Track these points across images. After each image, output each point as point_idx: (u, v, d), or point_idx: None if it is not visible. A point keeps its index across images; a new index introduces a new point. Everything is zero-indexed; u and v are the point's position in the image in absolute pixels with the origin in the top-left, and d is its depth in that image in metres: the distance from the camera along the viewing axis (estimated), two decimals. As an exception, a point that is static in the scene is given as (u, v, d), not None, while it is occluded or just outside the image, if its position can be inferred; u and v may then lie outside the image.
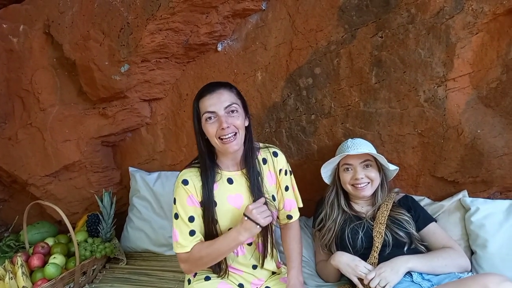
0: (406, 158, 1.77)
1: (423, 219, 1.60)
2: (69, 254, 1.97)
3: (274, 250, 1.55)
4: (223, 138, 1.31)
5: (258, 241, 1.48)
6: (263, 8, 1.89)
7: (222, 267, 1.45)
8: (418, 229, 1.58)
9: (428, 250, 1.55)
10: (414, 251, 1.51)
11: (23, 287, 1.70)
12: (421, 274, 1.41)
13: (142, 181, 2.19)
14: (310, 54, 1.81)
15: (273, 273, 1.55)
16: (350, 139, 1.71)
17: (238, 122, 1.33)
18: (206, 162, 1.39)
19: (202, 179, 1.39)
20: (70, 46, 2.01)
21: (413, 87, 1.66)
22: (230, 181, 1.43)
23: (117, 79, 1.98)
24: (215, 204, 1.39)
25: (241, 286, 1.47)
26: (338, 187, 1.72)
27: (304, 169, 1.95)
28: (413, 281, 1.39)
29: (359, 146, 1.64)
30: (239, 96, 1.40)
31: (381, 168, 1.67)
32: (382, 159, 1.61)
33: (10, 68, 2.23)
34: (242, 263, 1.47)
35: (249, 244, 1.48)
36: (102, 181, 2.31)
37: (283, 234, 1.60)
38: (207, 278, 1.47)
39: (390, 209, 1.60)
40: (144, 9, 1.81)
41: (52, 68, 2.18)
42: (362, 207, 1.69)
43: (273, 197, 1.48)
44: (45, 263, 1.84)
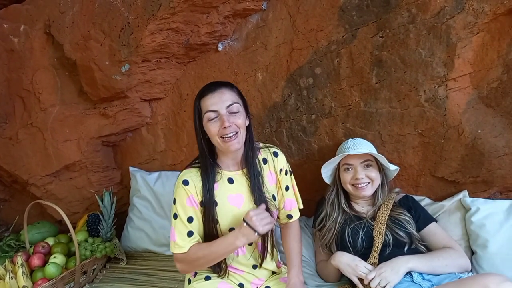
0: (406, 158, 1.77)
1: (424, 219, 1.59)
2: (69, 254, 1.97)
3: (274, 250, 1.55)
4: (225, 136, 1.31)
5: (258, 241, 1.48)
6: (264, 8, 1.89)
7: (222, 267, 1.45)
8: (419, 229, 1.58)
9: (428, 250, 1.55)
10: (415, 251, 1.51)
11: (24, 287, 1.70)
12: (421, 274, 1.41)
13: (142, 181, 2.19)
14: (311, 54, 1.81)
15: (273, 273, 1.55)
16: (350, 139, 1.71)
17: (240, 121, 1.34)
18: (207, 161, 1.39)
19: (202, 179, 1.39)
20: (71, 46, 2.02)
21: (413, 87, 1.66)
22: (230, 180, 1.43)
23: (117, 79, 1.98)
24: (216, 204, 1.39)
25: (241, 285, 1.47)
26: (339, 187, 1.72)
27: (304, 169, 1.95)
28: (413, 281, 1.39)
29: (360, 146, 1.64)
30: (240, 95, 1.40)
31: (381, 168, 1.67)
32: (383, 159, 1.60)
33: (10, 68, 2.23)
34: (242, 263, 1.47)
35: (249, 244, 1.47)
36: (103, 181, 2.31)
37: (283, 233, 1.60)
38: (207, 278, 1.47)
39: (390, 209, 1.60)
40: (144, 9, 1.81)
41: (52, 68, 2.18)
42: (363, 207, 1.69)
43: (273, 196, 1.48)
44: (45, 263, 1.84)
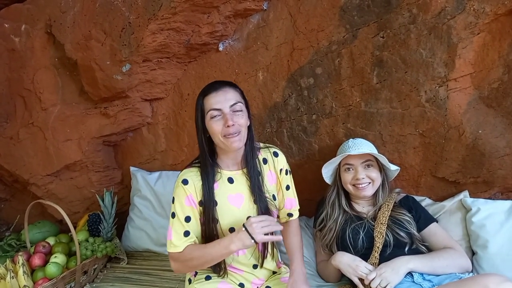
0: (407, 158, 1.77)
1: (424, 220, 1.59)
2: (70, 254, 1.97)
3: (274, 250, 1.55)
4: (227, 135, 1.32)
5: (258, 241, 1.48)
6: (265, 8, 1.89)
7: (222, 267, 1.45)
8: (419, 229, 1.58)
9: (429, 250, 1.55)
10: (415, 252, 1.51)
11: (24, 286, 1.70)
12: (422, 274, 1.41)
13: (143, 180, 2.20)
14: (312, 54, 1.81)
15: (273, 273, 1.55)
16: (351, 139, 1.71)
17: (242, 121, 1.34)
18: (207, 160, 1.39)
19: (202, 178, 1.39)
20: (72, 45, 2.02)
21: (414, 87, 1.66)
22: (230, 180, 1.43)
23: (118, 79, 1.98)
24: (216, 203, 1.39)
25: (241, 285, 1.47)
26: (339, 187, 1.72)
27: (305, 169, 1.95)
28: (414, 281, 1.39)
29: (360, 146, 1.64)
30: (243, 96, 1.41)
31: (382, 168, 1.67)
32: (383, 159, 1.60)
33: (12, 67, 2.23)
34: (243, 263, 1.47)
35: (246, 247, 1.48)
36: (103, 180, 2.31)
37: (284, 230, 1.59)
38: (208, 278, 1.47)
39: (391, 209, 1.60)
40: (145, 9, 1.81)
41: (53, 67, 2.18)
42: (363, 207, 1.69)
43: (273, 196, 1.48)
44: (46, 262, 1.84)
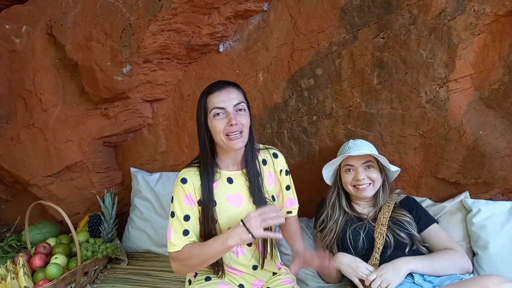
0: (407, 159, 1.77)
1: (425, 220, 1.59)
2: (70, 254, 1.98)
3: (274, 251, 1.55)
4: (230, 134, 1.32)
5: (258, 241, 1.48)
6: (265, 9, 1.89)
7: (220, 267, 1.45)
8: (420, 230, 1.58)
9: (429, 251, 1.55)
10: (416, 252, 1.51)
11: (25, 287, 1.70)
12: (422, 275, 1.41)
13: (143, 181, 2.20)
14: (312, 55, 1.81)
15: (274, 274, 1.55)
16: (351, 140, 1.71)
17: (245, 121, 1.35)
18: (208, 158, 1.39)
19: (201, 177, 1.39)
20: (72, 46, 2.02)
21: (414, 88, 1.66)
22: (230, 180, 1.43)
23: (119, 80, 1.98)
24: (215, 203, 1.39)
25: (241, 286, 1.47)
26: (340, 188, 1.72)
27: (305, 170, 1.95)
28: (414, 282, 1.39)
29: (361, 147, 1.64)
30: (245, 96, 1.42)
31: (382, 169, 1.67)
32: (384, 160, 1.60)
33: (12, 68, 2.24)
34: (243, 264, 1.47)
35: (249, 244, 1.47)
36: (104, 181, 2.31)
37: (283, 225, 1.59)
38: (208, 279, 1.47)
39: (391, 210, 1.60)
40: (146, 10, 1.81)
41: (54, 68, 2.18)
42: (364, 208, 1.69)
43: (272, 197, 1.49)
44: (46, 263, 1.84)
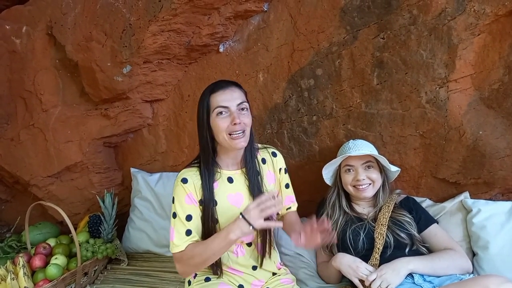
0: (407, 160, 1.77)
1: (425, 221, 1.59)
2: (70, 255, 1.97)
3: (274, 251, 1.55)
4: (233, 133, 1.32)
5: (257, 241, 1.48)
6: (265, 9, 1.89)
7: (219, 267, 1.44)
8: (420, 230, 1.57)
9: (429, 251, 1.55)
10: (416, 253, 1.51)
11: (25, 288, 1.71)
12: (422, 275, 1.41)
13: (143, 182, 2.20)
14: (312, 55, 1.81)
15: (273, 274, 1.54)
16: (351, 140, 1.71)
17: (248, 120, 1.36)
18: (210, 157, 1.39)
19: (202, 177, 1.38)
20: (73, 47, 2.02)
21: (414, 88, 1.66)
22: (230, 180, 1.43)
23: (119, 80, 1.98)
24: (215, 203, 1.39)
25: (241, 287, 1.47)
26: (340, 188, 1.72)
27: (305, 170, 1.95)
28: (414, 282, 1.38)
29: (361, 147, 1.64)
30: (247, 97, 1.42)
31: (382, 169, 1.67)
32: (384, 160, 1.60)
33: (12, 69, 2.24)
34: (242, 264, 1.47)
35: (248, 244, 1.48)
36: (104, 182, 2.31)
37: (283, 220, 1.60)
38: (207, 279, 1.47)
39: (391, 210, 1.60)
40: (146, 10, 1.81)
41: (54, 69, 2.18)
42: (364, 208, 1.69)
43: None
44: (46, 264, 1.84)
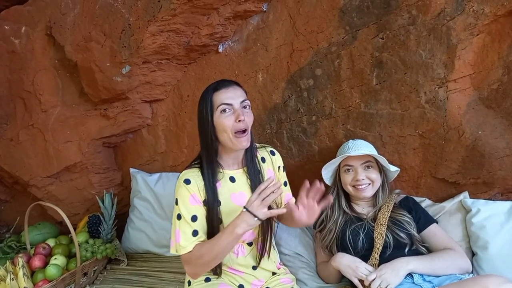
0: (407, 159, 1.77)
1: (424, 221, 1.59)
2: (70, 255, 1.97)
3: (273, 251, 1.55)
4: (237, 132, 1.32)
5: (258, 240, 1.48)
6: (264, 9, 1.89)
7: (219, 267, 1.44)
8: (419, 230, 1.57)
9: (429, 251, 1.55)
10: (415, 253, 1.51)
11: (24, 288, 1.71)
12: (422, 275, 1.41)
13: (143, 182, 2.19)
14: (311, 55, 1.81)
15: (273, 274, 1.55)
16: (351, 140, 1.71)
17: (250, 119, 1.37)
18: (213, 156, 1.39)
19: (204, 177, 1.38)
20: (72, 47, 2.02)
21: (414, 88, 1.66)
22: (232, 179, 1.44)
23: (118, 81, 1.98)
24: (219, 203, 1.38)
25: (241, 287, 1.47)
26: (339, 188, 1.72)
27: (305, 170, 1.95)
28: (414, 282, 1.39)
29: (360, 147, 1.64)
30: (247, 97, 1.42)
31: (382, 169, 1.67)
32: (383, 160, 1.60)
33: (12, 69, 2.23)
34: (242, 264, 1.47)
35: (249, 244, 1.48)
36: (103, 182, 2.31)
37: (283, 214, 1.58)
38: (207, 280, 1.47)
39: (391, 210, 1.60)
40: (145, 10, 1.81)
41: (53, 69, 2.18)
42: (363, 208, 1.69)
43: None
44: (46, 264, 1.84)
